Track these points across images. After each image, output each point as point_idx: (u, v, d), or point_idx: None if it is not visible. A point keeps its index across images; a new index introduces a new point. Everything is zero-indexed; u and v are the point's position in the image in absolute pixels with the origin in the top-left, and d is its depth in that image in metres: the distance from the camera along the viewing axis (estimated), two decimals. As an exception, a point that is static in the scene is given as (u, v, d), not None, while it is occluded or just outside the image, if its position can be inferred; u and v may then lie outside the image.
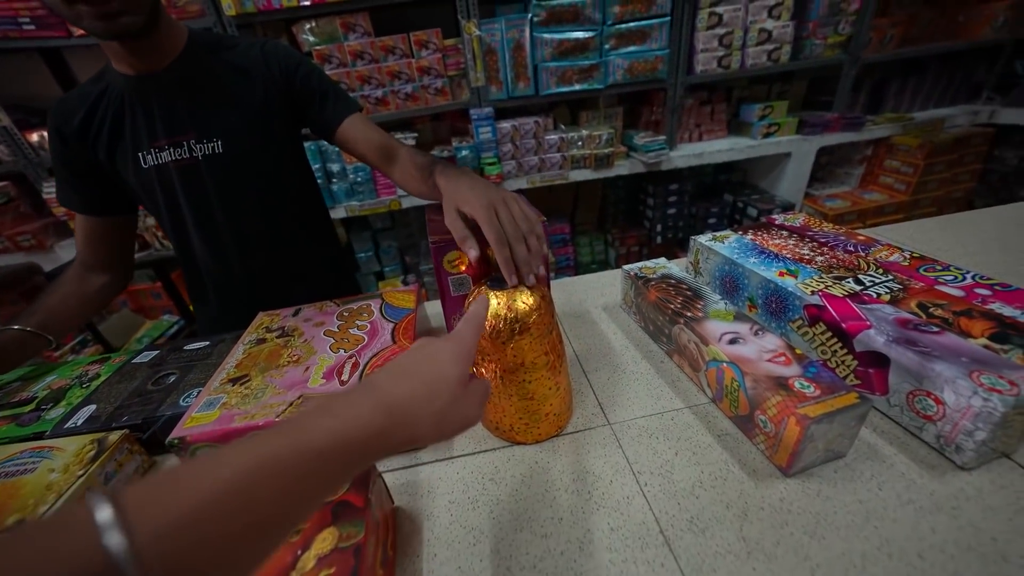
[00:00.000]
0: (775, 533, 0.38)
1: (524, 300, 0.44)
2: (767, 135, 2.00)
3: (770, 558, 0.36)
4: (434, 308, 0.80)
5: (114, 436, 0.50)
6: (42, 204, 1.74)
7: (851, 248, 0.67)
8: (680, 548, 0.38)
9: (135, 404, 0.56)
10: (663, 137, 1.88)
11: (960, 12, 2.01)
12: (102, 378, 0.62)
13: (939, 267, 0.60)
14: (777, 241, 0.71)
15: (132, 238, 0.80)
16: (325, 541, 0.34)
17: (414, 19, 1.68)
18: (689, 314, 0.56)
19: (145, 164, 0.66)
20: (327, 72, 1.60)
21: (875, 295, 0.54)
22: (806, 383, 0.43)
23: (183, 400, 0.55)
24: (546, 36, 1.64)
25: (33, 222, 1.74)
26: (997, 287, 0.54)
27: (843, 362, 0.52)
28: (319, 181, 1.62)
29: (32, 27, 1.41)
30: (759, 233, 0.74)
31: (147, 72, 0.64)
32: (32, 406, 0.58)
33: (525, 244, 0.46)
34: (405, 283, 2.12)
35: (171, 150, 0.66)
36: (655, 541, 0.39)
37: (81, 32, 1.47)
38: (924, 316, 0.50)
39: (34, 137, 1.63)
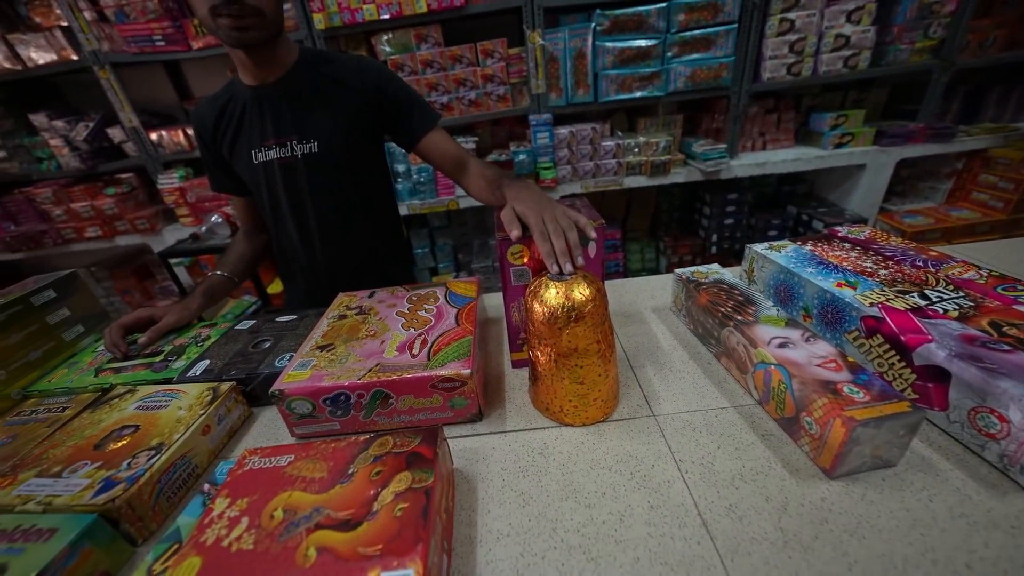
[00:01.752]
0: (814, 528, 0.40)
1: (581, 291, 0.48)
2: (839, 145, 1.90)
3: (807, 550, 0.38)
4: (490, 300, 0.86)
5: (224, 387, 0.60)
6: (155, 193, 2.02)
7: (920, 263, 0.65)
8: (716, 530, 0.40)
9: (239, 362, 0.66)
10: (723, 145, 1.84)
11: (1079, 12, 1.80)
12: (212, 339, 0.74)
13: (1021, 287, 0.57)
14: (838, 253, 0.70)
15: None
16: (401, 482, 0.40)
17: (482, 29, 1.77)
18: (740, 318, 0.58)
19: (256, 160, 0.78)
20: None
21: (941, 311, 0.53)
22: (856, 388, 0.44)
23: (277, 362, 0.65)
24: (608, 44, 1.67)
25: (148, 208, 2.01)
26: (1085, 310, 0.51)
27: (900, 375, 0.51)
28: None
29: (163, 43, 1.65)
30: (819, 244, 0.74)
31: (264, 83, 0.75)
32: (161, 357, 0.70)
33: (564, 240, 0.50)
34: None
35: (277, 149, 0.77)
36: (693, 522, 0.41)
37: (199, 46, 1.70)
38: (996, 334, 0.49)
39: (154, 136, 1.90)
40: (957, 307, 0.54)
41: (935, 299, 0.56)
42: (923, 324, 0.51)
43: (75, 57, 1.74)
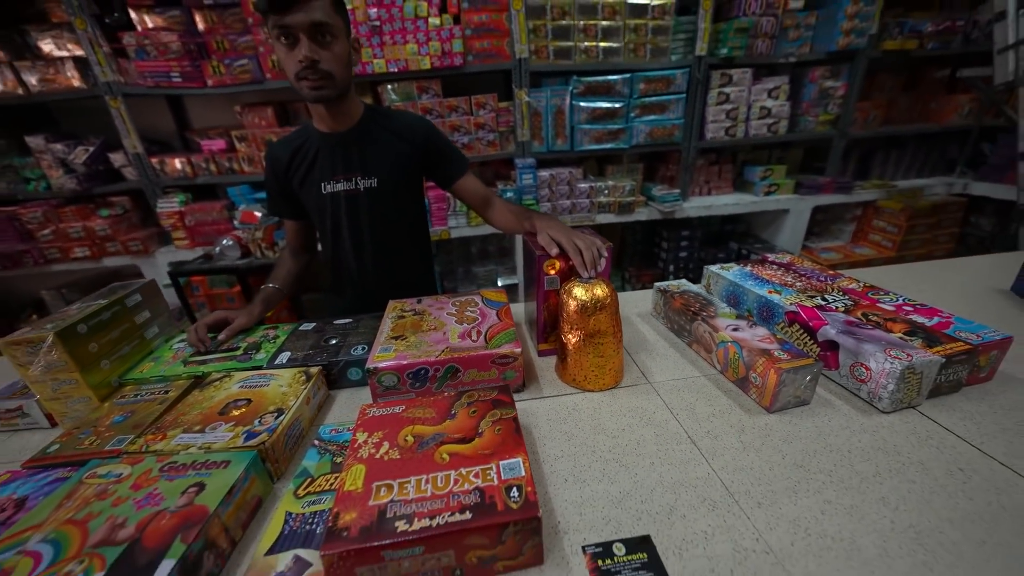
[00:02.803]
0: (761, 440, 0.61)
1: (602, 289, 0.69)
2: (768, 193, 2.31)
3: (757, 451, 0.59)
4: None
5: (314, 370, 0.75)
6: (150, 216, 2.06)
7: (822, 279, 0.92)
8: (701, 445, 0.61)
9: (316, 353, 0.81)
10: (677, 190, 2.19)
11: (932, 100, 2.36)
12: (282, 338, 0.87)
13: (882, 292, 0.85)
14: (768, 271, 0.97)
15: (314, 233, 1.12)
16: (493, 416, 0.58)
17: (476, 84, 2.05)
18: (704, 313, 0.81)
19: (324, 191, 0.96)
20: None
21: (834, 307, 0.79)
22: (782, 353, 0.67)
23: (352, 351, 0.80)
24: (583, 104, 2.00)
25: (141, 231, 2.05)
26: (918, 306, 0.79)
27: (810, 350, 0.76)
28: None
29: (179, 79, 1.78)
30: (756, 266, 1.00)
31: (335, 131, 0.94)
32: (241, 351, 0.83)
33: (591, 254, 0.73)
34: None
35: (344, 183, 0.95)
36: (685, 442, 0.62)
37: (212, 84, 1.84)
38: (865, 320, 0.75)
39: (155, 162, 1.97)
40: (843, 305, 0.80)
41: (830, 300, 0.82)
42: (823, 315, 0.76)
43: (83, 86, 1.82)
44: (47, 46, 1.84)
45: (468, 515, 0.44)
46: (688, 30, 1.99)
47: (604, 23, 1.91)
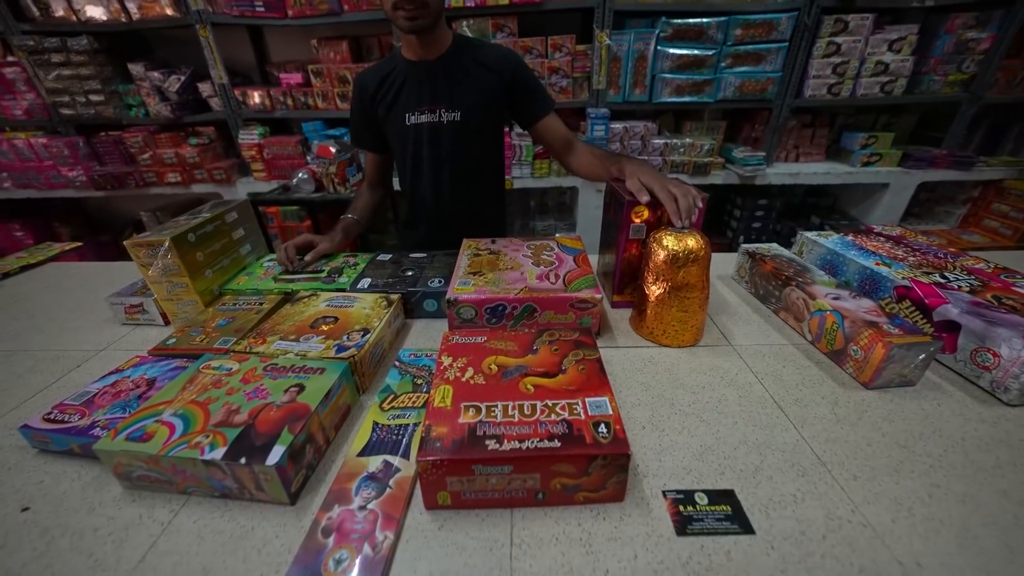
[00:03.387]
0: (857, 414, 0.57)
1: (696, 241, 0.65)
2: (867, 164, 2.06)
3: (853, 425, 0.55)
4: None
5: (394, 297, 0.78)
6: (232, 147, 2.17)
7: (941, 255, 0.82)
8: (789, 412, 0.58)
9: (395, 282, 0.83)
10: (762, 153, 2.00)
11: (1102, 62, 1.95)
12: (361, 265, 0.91)
13: (1018, 276, 0.74)
14: (874, 243, 0.87)
15: (391, 167, 1.14)
16: (576, 355, 0.57)
17: (554, 24, 1.92)
18: (800, 279, 0.75)
19: (408, 122, 0.95)
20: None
21: (957, 287, 0.70)
22: (892, 327, 0.61)
23: (430, 283, 0.82)
24: (669, 50, 1.83)
25: (225, 161, 2.17)
26: (1066, 295, 0.69)
27: (922, 329, 0.68)
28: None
29: (263, 9, 1.80)
30: (859, 236, 0.91)
31: (424, 60, 0.92)
32: (325, 274, 0.87)
33: (687, 201, 0.68)
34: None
35: (428, 114, 0.94)
36: (771, 406, 0.59)
37: (293, 14, 1.84)
38: (996, 303, 0.66)
39: (238, 93, 2.05)
40: (969, 285, 0.71)
41: (951, 279, 0.73)
42: (942, 292, 0.68)
43: (175, 14, 1.89)
44: (144, -28, 1.90)
45: (557, 443, 0.44)
46: (804, -35, 1.73)
47: (705, -45, 1.70)
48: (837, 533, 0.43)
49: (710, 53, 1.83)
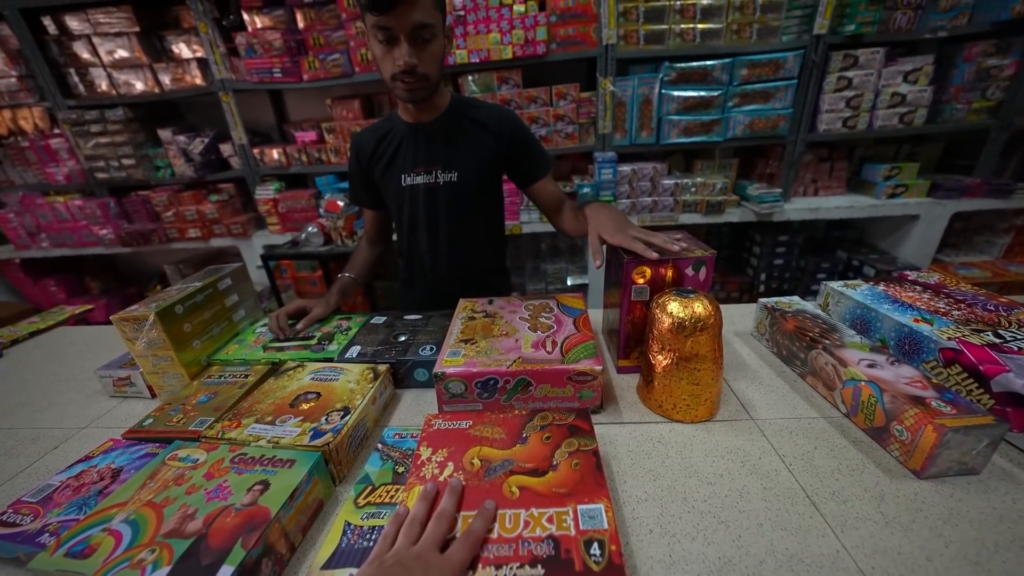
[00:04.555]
0: (911, 515, 0.48)
1: (704, 305, 0.59)
2: (893, 195, 1.96)
3: (906, 530, 0.46)
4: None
5: (382, 368, 0.73)
6: (249, 202, 2.26)
7: (991, 307, 0.73)
8: (824, 510, 0.49)
9: (386, 350, 0.79)
10: (779, 189, 1.93)
11: None
12: (354, 330, 0.87)
13: (1088, 333, 0.64)
14: (910, 294, 0.78)
15: (391, 224, 1.13)
16: (571, 445, 0.51)
17: (557, 74, 1.96)
18: (827, 341, 0.67)
19: (404, 183, 0.94)
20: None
21: (1016, 348, 0.61)
22: (943, 404, 0.52)
23: (421, 351, 0.77)
24: (674, 93, 1.83)
25: (242, 215, 2.25)
26: None
27: (979, 401, 0.59)
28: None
29: (280, 75, 1.91)
30: (891, 285, 0.82)
31: (421, 122, 0.92)
32: (315, 341, 0.84)
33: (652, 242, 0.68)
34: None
35: (424, 176, 0.93)
36: (803, 502, 0.50)
37: (308, 78, 1.95)
38: (1066, 370, 0.56)
39: (256, 152, 2.15)
40: (1030, 346, 0.61)
41: (1009, 338, 0.63)
42: (999, 356, 0.59)
43: (203, 84, 2.02)
44: (178, 48, 2.06)
45: (540, 570, 0.37)
46: (806, 4, 1.73)
47: (705, 1, 1.72)
48: None
49: (716, 94, 1.82)
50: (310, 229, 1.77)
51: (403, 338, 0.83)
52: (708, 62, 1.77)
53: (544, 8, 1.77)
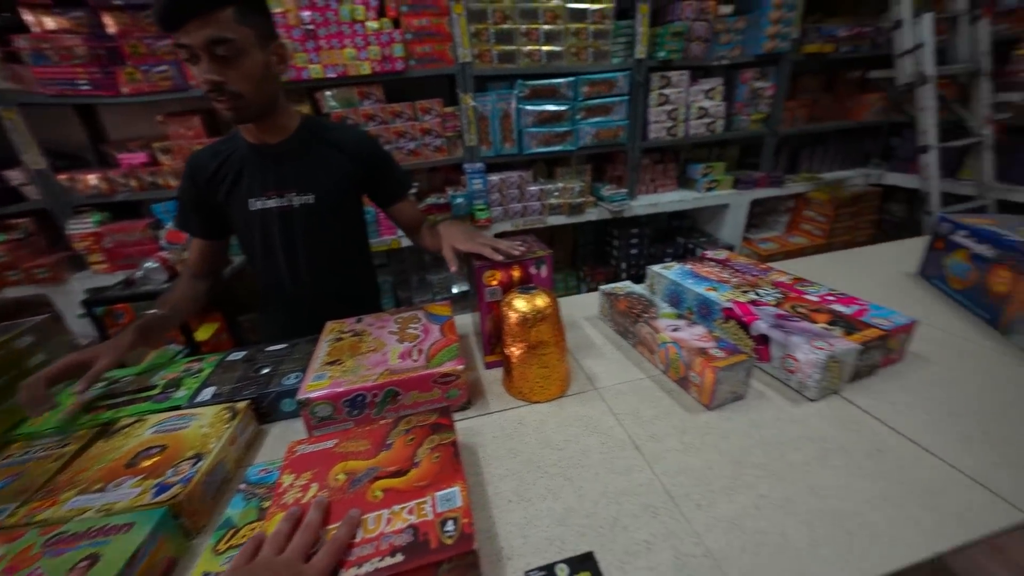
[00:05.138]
0: (700, 439, 0.62)
1: (543, 299, 0.68)
2: (709, 189, 2.41)
3: (698, 451, 0.60)
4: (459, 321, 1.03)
5: (241, 405, 0.69)
6: (60, 238, 1.86)
7: (755, 273, 0.96)
8: (644, 449, 0.61)
9: (246, 385, 0.75)
10: (625, 190, 2.24)
11: (848, 99, 2.56)
12: (207, 371, 0.80)
13: (807, 284, 0.89)
14: (707, 269, 1.00)
15: (224, 257, 1.04)
16: (431, 442, 0.55)
17: (420, 89, 2.00)
18: (647, 315, 0.83)
19: (252, 208, 0.89)
20: (342, 131, 1.87)
21: (766, 301, 0.83)
22: (718, 351, 0.69)
23: (284, 381, 0.75)
24: (529, 108, 2.00)
25: (49, 256, 1.84)
26: (839, 295, 0.84)
27: (746, 344, 0.78)
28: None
29: (88, 87, 1.62)
30: (695, 263, 1.03)
31: (265, 143, 0.88)
32: (158, 390, 0.76)
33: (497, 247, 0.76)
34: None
35: (276, 199, 0.89)
36: (629, 447, 0.62)
37: (129, 91, 1.69)
38: (793, 312, 0.78)
39: (63, 178, 1.79)
40: (774, 298, 0.84)
41: (763, 295, 0.85)
42: (755, 310, 0.79)
43: (-31, 97, 1.62)
44: (-79, 52, 1.62)
45: (400, 557, 0.41)
46: (627, 34, 2.04)
47: (546, 27, 1.92)
48: (683, 572, 0.45)
49: (565, 108, 2.04)
50: (148, 264, 1.53)
51: (265, 370, 0.79)
52: (555, 80, 1.98)
53: (399, 26, 1.80)
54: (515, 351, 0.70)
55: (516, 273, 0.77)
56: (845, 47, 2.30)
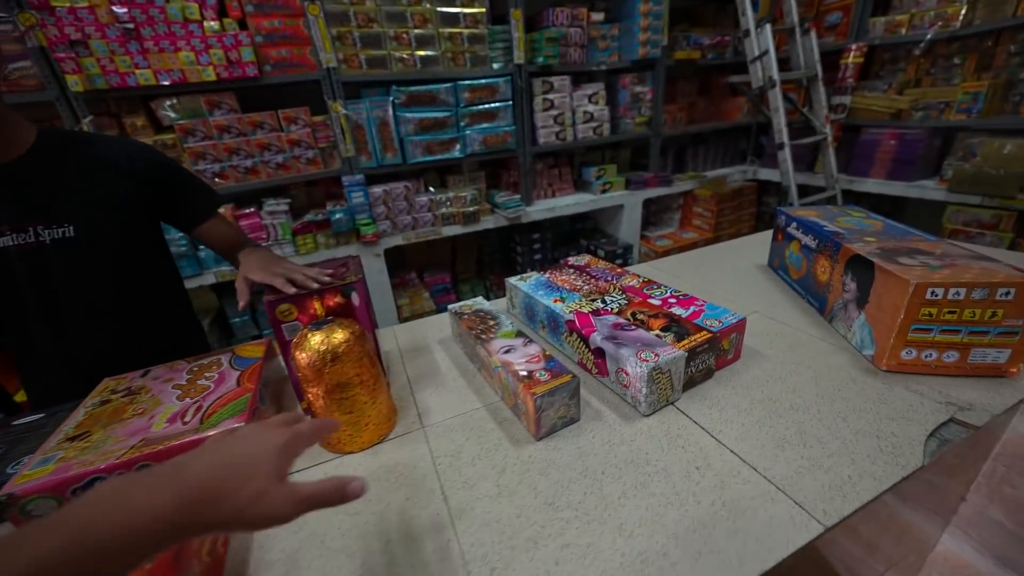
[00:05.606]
0: (519, 479, 0.55)
1: (341, 334, 0.58)
2: (604, 191, 2.47)
3: (512, 494, 0.53)
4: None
5: (-72, 512, 0.51)
6: None
7: (609, 279, 0.94)
8: (453, 501, 0.53)
9: (-49, 482, 0.56)
10: (518, 195, 2.21)
11: (721, 101, 2.76)
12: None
13: (655, 287, 0.88)
14: (564, 277, 0.96)
15: None
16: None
17: (282, 97, 1.82)
18: (484, 336, 0.76)
19: (-26, 249, 0.69)
20: (191, 144, 1.64)
21: (610, 309, 0.79)
22: (544, 373, 0.63)
23: (10, 468, 0.57)
24: (408, 115, 1.90)
25: None
26: (680, 297, 0.83)
27: (588, 357, 0.74)
28: (184, 248, 1.61)
29: None
30: (554, 271, 0.99)
31: None
32: None
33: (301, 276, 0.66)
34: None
35: (13, 236, 0.70)
36: (438, 498, 0.53)
37: None
38: (632, 320, 0.75)
39: None
40: (618, 305, 0.80)
41: (609, 302, 0.82)
42: (594, 321, 0.75)
43: None
44: None
45: None
46: (505, 39, 2.02)
47: (417, 31, 1.84)
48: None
49: (447, 114, 1.97)
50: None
51: (-3, 454, 0.61)
52: (433, 86, 1.90)
53: (246, 27, 1.62)
54: (312, 398, 0.60)
55: (317, 306, 0.66)
56: (711, 53, 2.47)
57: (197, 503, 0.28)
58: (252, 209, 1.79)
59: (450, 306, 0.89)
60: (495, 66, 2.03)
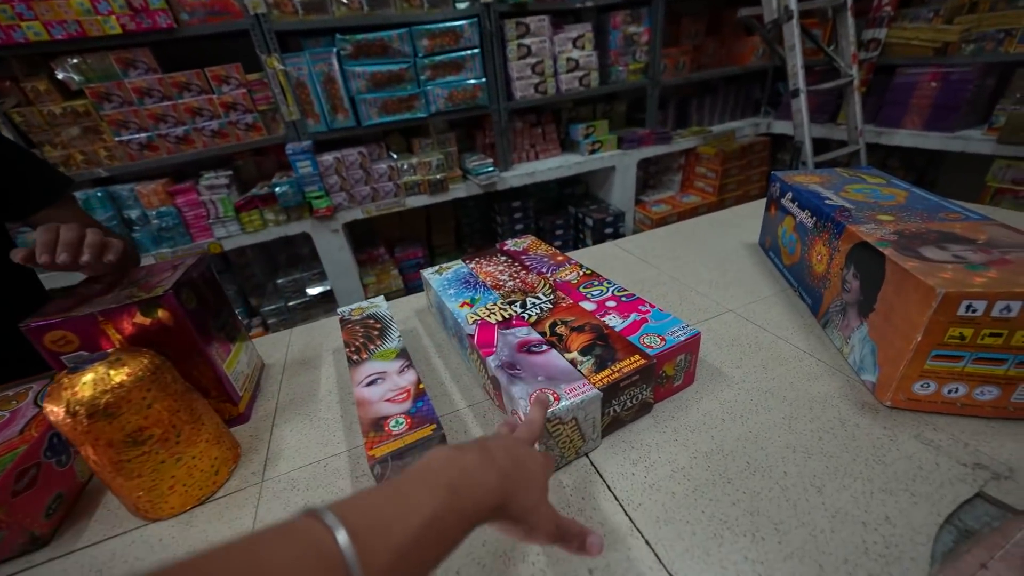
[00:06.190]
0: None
1: (121, 373, 0.42)
2: (593, 151, 2.20)
3: None
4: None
5: None
6: None
7: (544, 270, 0.75)
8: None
9: None
10: (490, 160, 1.97)
11: (734, 42, 2.39)
12: None
13: (596, 283, 0.69)
14: (490, 268, 0.77)
15: None
16: None
17: (209, 53, 1.59)
18: (356, 357, 0.59)
19: None
20: (108, 111, 1.46)
21: (526, 317, 0.61)
22: (402, 419, 0.47)
23: None
24: (358, 69, 1.66)
25: None
26: (624, 298, 0.64)
27: (489, 384, 0.57)
28: (115, 228, 1.46)
29: None
30: (481, 261, 0.81)
31: None
32: None
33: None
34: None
35: None
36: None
37: None
38: (549, 335, 0.57)
39: None
40: (539, 311, 0.62)
41: (530, 306, 0.64)
42: (498, 337, 0.57)
43: None
44: None
45: None
46: (470, -28, 1.72)
47: (360, -36, 1.56)
48: None
49: (404, 67, 1.71)
50: None
51: None
52: (383, 33, 1.64)
53: (153, -34, 1.38)
54: (88, 456, 0.45)
55: (112, 331, 0.50)
56: (721, -18, 2.10)
57: (508, 493, 0.29)
58: (189, 184, 1.61)
59: (340, 309, 0.72)
60: (459, 6, 1.75)
